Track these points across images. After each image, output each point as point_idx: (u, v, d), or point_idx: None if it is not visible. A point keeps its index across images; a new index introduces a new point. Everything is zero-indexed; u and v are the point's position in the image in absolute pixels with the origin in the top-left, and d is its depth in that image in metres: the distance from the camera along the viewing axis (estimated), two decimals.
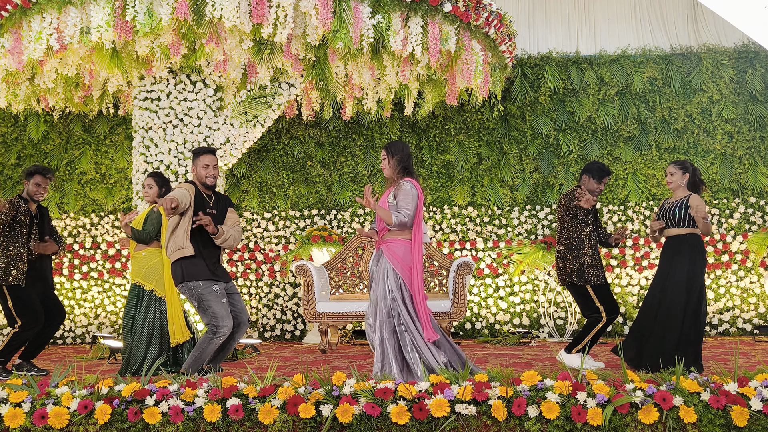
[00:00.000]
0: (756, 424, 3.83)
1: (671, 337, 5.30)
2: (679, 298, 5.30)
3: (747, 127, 8.16)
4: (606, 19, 8.74)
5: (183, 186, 5.06)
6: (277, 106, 7.02)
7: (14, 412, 4.06)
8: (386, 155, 4.80)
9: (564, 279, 5.69)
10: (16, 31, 5.89)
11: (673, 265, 5.39)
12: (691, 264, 5.35)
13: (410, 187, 4.69)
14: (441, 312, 6.92)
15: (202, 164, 5.07)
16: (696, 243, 5.40)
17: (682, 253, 5.37)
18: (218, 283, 5.04)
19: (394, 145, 4.82)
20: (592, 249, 5.59)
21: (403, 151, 4.79)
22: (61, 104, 7.45)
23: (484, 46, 6.62)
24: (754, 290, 8.02)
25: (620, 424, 3.85)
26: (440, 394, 3.94)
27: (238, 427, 3.97)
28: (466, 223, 8.28)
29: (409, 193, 4.67)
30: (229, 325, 5.01)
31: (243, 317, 5.22)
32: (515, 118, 8.31)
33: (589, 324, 5.61)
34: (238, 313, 5.19)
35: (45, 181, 5.95)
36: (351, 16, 5.48)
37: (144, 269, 5.79)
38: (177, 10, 5.33)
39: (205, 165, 5.07)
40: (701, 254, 5.40)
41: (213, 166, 5.08)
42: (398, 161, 4.76)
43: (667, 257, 5.44)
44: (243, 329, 5.25)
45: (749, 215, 8.10)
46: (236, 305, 5.20)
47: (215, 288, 5.00)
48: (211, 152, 5.11)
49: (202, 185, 5.10)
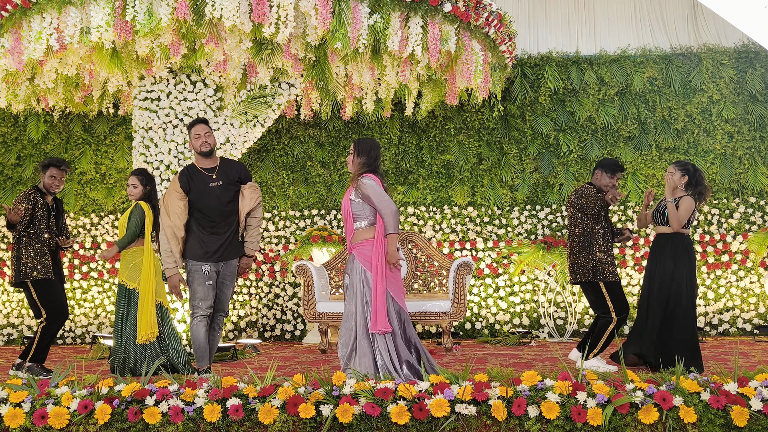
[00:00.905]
0: (756, 424, 3.83)
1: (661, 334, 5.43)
2: (662, 295, 5.46)
3: (747, 127, 8.16)
4: (606, 19, 8.74)
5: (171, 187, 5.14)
6: (277, 106, 7.02)
7: (14, 412, 4.06)
8: (353, 151, 4.70)
9: (577, 276, 5.62)
10: (16, 31, 5.89)
11: (659, 263, 5.52)
12: (675, 264, 5.46)
13: (372, 183, 4.58)
14: (441, 312, 6.93)
15: (193, 135, 5.16)
16: (681, 243, 5.50)
17: (665, 253, 5.51)
18: (208, 264, 5.09)
19: (362, 143, 4.71)
20: (606, 245, 5.55)
21: (370, 154, 4.68)
22: (61, 104, 7.45)
23: (484, 46, 6.62)
24: (754, 290, 8.02)
25: (620, 424, 3.85)
26: (440, 394, 3.94)
27: (238, 427, 3.97)
28: (466, 223, 8.28)
29: (375, 189, 4.57)
30: (203, 307, 5.08)
31: (219, 306, 5.24)
32: (515, 118, 8.31)
33: (602, 327, 5.56)
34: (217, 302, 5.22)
35: (60, 173, 5.93)
36: (350, 16, 5.48)
37: (128, 269, 5.77)
38: (177, 10, 5.33)
39: (196, 135, 5.14)
40: (686, 254, 5.49)
41: (204, 133, 5.13)
42: (363, 163, 4.66)
43: (654, 255, 5.60)
44: (219, 318, 5.27)
45: (749, 215, 8.10)
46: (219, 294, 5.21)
47: (204, 269, 5.09)
48: (202, 122, 5.19)
49: (200, 155, 5.15)
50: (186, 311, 6.76)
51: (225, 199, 5.12)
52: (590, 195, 5.51)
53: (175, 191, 5.09)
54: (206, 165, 5.18)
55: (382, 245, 4.58)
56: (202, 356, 5.12)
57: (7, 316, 8.25)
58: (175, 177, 5.19)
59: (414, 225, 8.27)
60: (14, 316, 8.27)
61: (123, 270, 5.79)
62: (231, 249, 5.19)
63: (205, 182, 5.11)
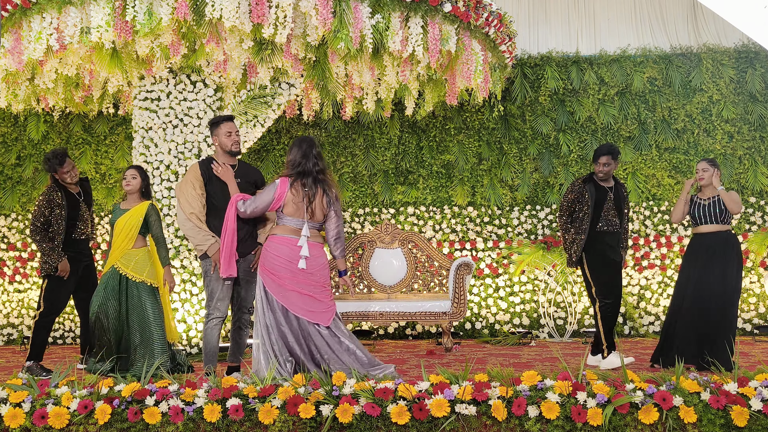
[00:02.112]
0: (756, 424, 3.83)
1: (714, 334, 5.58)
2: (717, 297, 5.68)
3: (747, 127, 8.16)
4: (606, 19, 8.74)
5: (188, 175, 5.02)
6: (277, 106, 7.02)
7: (14, 412, 4.06)
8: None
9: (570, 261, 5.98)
10: (16, 31, 5.89)
11: (712, 264, 5.71)
12: (730, 264, 5.68)
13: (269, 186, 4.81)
14: (441, 312, 6.93)
15: (224, 132, 5.05)
16: (735, 241, 5.79)
17: (722, 253, 5.69)
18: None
19: (291, 145, 4.88)
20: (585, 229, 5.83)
21: (294, 156, 4.81)
22: (61, 104, 7.45)
23: (484, 46, 6.62)
24: (754, 290, 8.02)
25: (620, 424, 3.85)
26: (440, 394, 3.94)
27: (238, 427, 3.97)
28: (466, 223, 8.28)
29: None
30: (221, 308, 4.97)
31: (243, 304, 5.14)
32: (515, 118, 8.31)
33: (595, 320, 5.86)
34: (241, 300, 5.14)
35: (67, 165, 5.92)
36: (351, 16, 5.48)
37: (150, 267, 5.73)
38: (177, 10, 5.33)
39: (227, 132, 5.05)
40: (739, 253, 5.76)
41: (235, 132, 5.07)
42: (289, 163, 4.83)
43: (703, 257, 5.76)
44: (244, 317, 5.19)
45: (749, 215, 8.10)
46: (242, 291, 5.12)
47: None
48: (230, 119, 5.10)
49: (227, 153, 5.08)
50: (186, 311, 6.76)
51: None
52: (568, 189, 6.01)
53: (195, 179, 4.99)
54: (227, 161, 5.12)
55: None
56: (212, 359, 5.04)
57: (7, 316, 8.25)
58: (194, 166, 5.10)
59: (414, 225, 8.28)
60: (14, 316, 8.26)
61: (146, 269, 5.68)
62: (247, 243, 5.07)
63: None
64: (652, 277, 8.11)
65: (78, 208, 6.01)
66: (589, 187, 5.89)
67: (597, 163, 5.87)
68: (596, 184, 5.92)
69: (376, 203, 8.31)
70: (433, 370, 4.39)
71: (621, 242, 5.99)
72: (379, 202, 8.29)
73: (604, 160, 5.84)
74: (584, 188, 5.90)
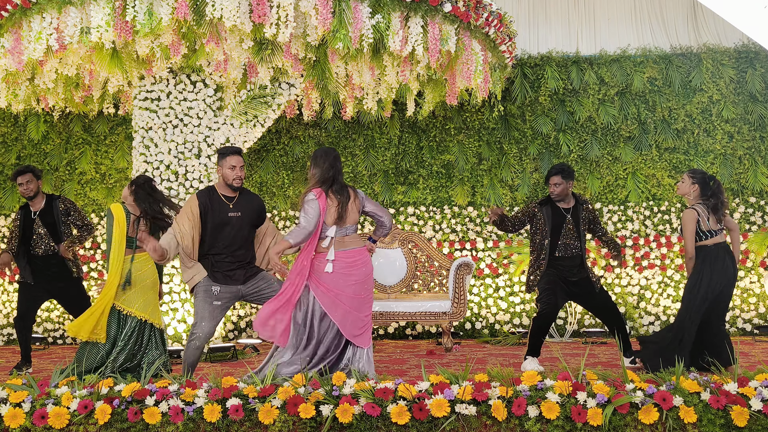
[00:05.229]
0: (756, 424, 3.83)
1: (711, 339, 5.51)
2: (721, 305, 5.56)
3: (747, 127, 8.16)
4: (606, 19, 8.74)
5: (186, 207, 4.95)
6: (277, 106, 7.02)
7: (14, 412, 4.06)
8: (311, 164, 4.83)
9: (528, 287, 5.95)
10: (16, 31, 5.89)
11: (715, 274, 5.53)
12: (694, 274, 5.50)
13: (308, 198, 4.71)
14: (441, 312, 6.93)
15: (228, 165, 4.95)
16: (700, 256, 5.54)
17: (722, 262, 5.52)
18: (218, 285, 4.89)
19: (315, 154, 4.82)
20: (544, 258, 5.75)
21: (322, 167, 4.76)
22: (61, 104, 7.45)
23: (484, 46, 6.62)
24: (754, 290, 8.02)
25: (620, 424, 3.85)
26: (440, 394, 3.94)
27: (238, 427, 3.97)
28: (466, 223, 8.28)
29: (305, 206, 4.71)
30: (205, 329, 4.83)
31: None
32: (515, 118, 8.31)
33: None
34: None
35: (23, 178, 6.10)
36: (351, 16, 5.48)
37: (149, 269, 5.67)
38: (177, 10, 5.33)
39: (231, 166, 4.94)
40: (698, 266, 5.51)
41: (240, 167, 4.96)
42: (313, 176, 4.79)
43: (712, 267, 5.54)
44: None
45: (749, 215, 8.10)
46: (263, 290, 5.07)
47: (213, 288, 4.88)
48: (238, 152, 4.99)
49: (228, 186, 4.99)
50: (186, 311, 6.76)
51: (241, 233, 4.98)
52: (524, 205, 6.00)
53: (191, 213, 4.89)
54: (227, 193, 5.01)
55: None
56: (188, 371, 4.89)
57: (7, 316, 8.25)
58: (192, 198, 4.96)
59: (414, 225, 8.28)
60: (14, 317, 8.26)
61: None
62: (249, 268, 5.04)
63: (224, 211, 4.95)
64: (652, 277, 8.11)
65: (32, 225, 6.19)
66: (545, 210, 5.76)
67: (548, 184, 5.78)
68: (554, 206, 5.79)
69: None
70: (433, 370, 4.39)
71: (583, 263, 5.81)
72: (380, 202, 8.28)
73: (554, 180, 5.73)
74: (538, 209, 5.79)
